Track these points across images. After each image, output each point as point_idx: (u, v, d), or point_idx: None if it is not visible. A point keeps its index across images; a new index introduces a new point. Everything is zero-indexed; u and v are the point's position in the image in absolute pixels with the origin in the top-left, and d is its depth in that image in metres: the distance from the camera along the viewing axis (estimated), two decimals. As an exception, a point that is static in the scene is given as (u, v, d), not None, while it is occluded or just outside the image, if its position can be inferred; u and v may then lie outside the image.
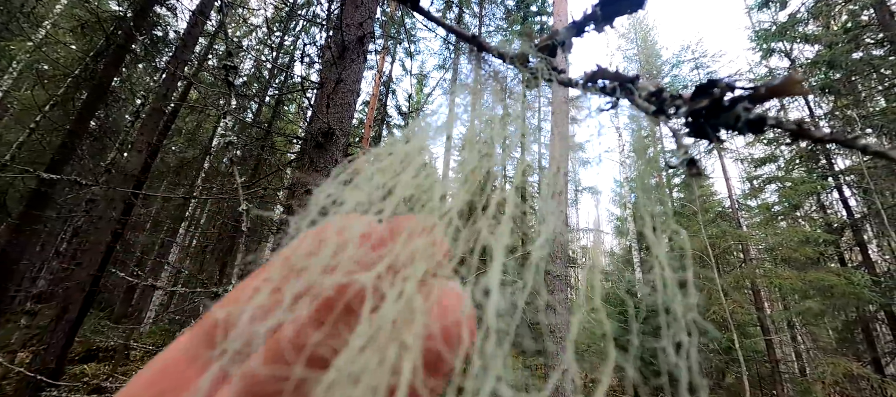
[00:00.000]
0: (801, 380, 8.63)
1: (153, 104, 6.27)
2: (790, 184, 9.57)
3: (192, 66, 7.85)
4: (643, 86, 0.21)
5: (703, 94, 0.22)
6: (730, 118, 0.21)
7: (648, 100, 0.22)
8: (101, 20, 6.06)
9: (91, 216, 5.66)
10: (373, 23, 2.46)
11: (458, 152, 16.22)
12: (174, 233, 10.28)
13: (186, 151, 10.49)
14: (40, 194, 5.38)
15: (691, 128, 0.23)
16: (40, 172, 1.39)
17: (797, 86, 0.20)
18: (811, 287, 7.83)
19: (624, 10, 0.23)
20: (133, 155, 5.94)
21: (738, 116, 0.21)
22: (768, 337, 8.74)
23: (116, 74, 6.55)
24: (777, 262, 9.33)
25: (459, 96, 0.27)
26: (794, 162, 10.58)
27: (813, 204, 10.46)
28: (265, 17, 7.76)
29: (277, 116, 9.37)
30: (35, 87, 8.09)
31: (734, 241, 9.77)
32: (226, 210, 9.61)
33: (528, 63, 0.23)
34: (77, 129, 5.77)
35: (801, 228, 9.57)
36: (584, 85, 0.22)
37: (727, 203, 11.62)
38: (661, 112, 0.22)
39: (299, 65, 9.98)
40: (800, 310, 8.40)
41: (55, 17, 9.47)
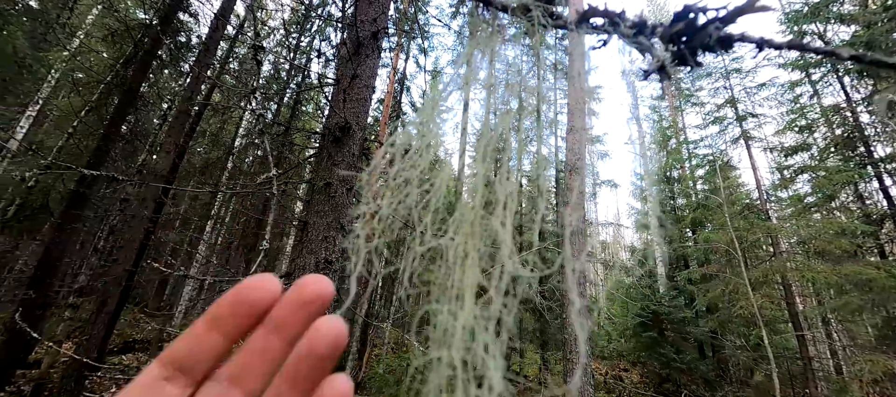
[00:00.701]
0: (836, 379, 8.24)
1: (179, 107, 6.53)
2: (824, 173, 9.08)
3: (214, 68, 8.12)
4: (627, 18, 0.23)
5: (680, 20, 0.24)
6: (703, 38, 0.24)
7: (632, 29, 0.23)
8: (130, 28, 6.34)
9: (125, 215, 5.97)
10: (386, 18, 2.49)
11: (473, 148, 16.15)
12: (202, 231, 10.71)
13: (211, 152, 10.89)
14: (79, 195, 5.71)
15: (674, 57, 0.25)
16: (82, 168, 1.49)
17: (756, 4, 0.20)
18: (847, 281, 7.43)
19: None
20: (162, 156, 6.22)
21: (710, 35, 0.24)
22: (800, 333, 8.37)
23: (144, 80, 6.85)
24: (810, 255, 8.89)
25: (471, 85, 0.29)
26: (829, 150, 10.02)
27: (850, 194, 9.90)
28: (282, 20, 7.95)
29: (296, 116, 9.60)
30: (71, 94, 8.56)
31: (763, 234, 9.38)
32: (249, 208, 9.93)
33: (528, 12, 0.24)
34: (110, 133, 6.09)
35: (836, 220, 9.08)
36: (577, 24, 0.24)
37: (755, 195, 11.14)
38: (641, 34, 0.23)
39: (316, 64, 10.16)
40: (835, 306, 7.99)
41: (88, 26, 9.97)
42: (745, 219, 9.49)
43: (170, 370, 0.24)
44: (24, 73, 7.82)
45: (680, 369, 9.61)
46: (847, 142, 9.61)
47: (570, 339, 4.46)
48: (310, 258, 1.84)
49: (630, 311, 12.58)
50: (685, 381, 9.86)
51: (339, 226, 1.94)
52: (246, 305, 0.25)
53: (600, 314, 16.93)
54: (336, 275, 1.90)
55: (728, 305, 9.03)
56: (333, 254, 1.85)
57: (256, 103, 6.49)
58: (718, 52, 0.25)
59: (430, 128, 0.27)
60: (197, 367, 0.24)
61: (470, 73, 0.26)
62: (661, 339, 10.27)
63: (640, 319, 10.75)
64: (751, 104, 12.17)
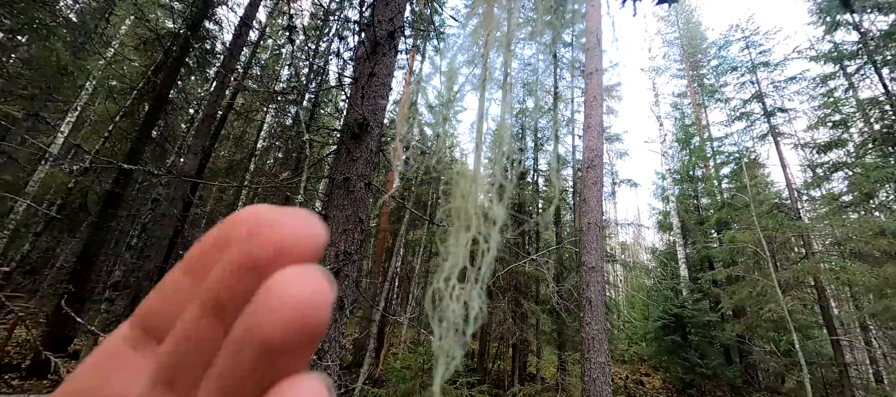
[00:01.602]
0: (876, 388, 7.78)
1: (206, 111, 6.82)
2: (861, 170, 8.60)
3: (238, 74, 8.43)
4: None
5: None
6: None
7: None
8: (160, 37, 6.67)
9: (155, 214, 6.28)
10: (403, 18, 2.54)
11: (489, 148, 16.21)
12: (225, 231, 11.08)
13: (235, 154, 11.28)
14: (114, 195, 6.04)
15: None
16: (121, 164, 1.60)
17: None
18: (888, 284, 7.02)
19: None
20: (189, 158, 6.51)
21: None
22: (835, 338, 7.95)
23: (173, 85, 7.19)
24: (846, 257, 8.44)
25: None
26: (867, 145, 9.48)
27: (890, 192, 9.34)
28: (302, 25, 8.19)
29: (315, 117, 9.84)
30: (107, 101, 9.06)
31: (794, 234, 8.96)
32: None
33: None
34: (142, 137, 6.42)
35: (875, 219, 8.58)
36: None
37: (785, 193, 10.66)
38: None
39: (334, 65, 10.38)
40: (875, 311, 7.55)
41: (121, 36, 10.53)
42: (773, 218, 9.10)
43: (139, 332, 0.19)
44: (65, 81, 8.34)
45: (705, 375, 9.28)
46: (886, 137, 9.07)
47: (588, 339, 4.40)
48: (330, 250, 1.90)
49: (651, 314, 12.24)
50: (710, 388, 9.51)
51: (358, 219, 1.99)
52: (225, 247, 0.17)
53: (620, 316, 16.55)
54: (355, 267, 1.95)
55: (756, 308, 8.67)
56: (353, 246, 1.91)
57: (290, 100, 6.72)
58: None
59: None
60: (168, 330, 0.18)
61: (486, 71, 0.29)
62: (684, 343, 9.94)
63: (662, 322, 10.45)
64: (780, 99, 11.66)
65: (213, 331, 0.16)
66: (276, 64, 11.71)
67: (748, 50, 12.66)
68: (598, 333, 4.38)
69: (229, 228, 0.18)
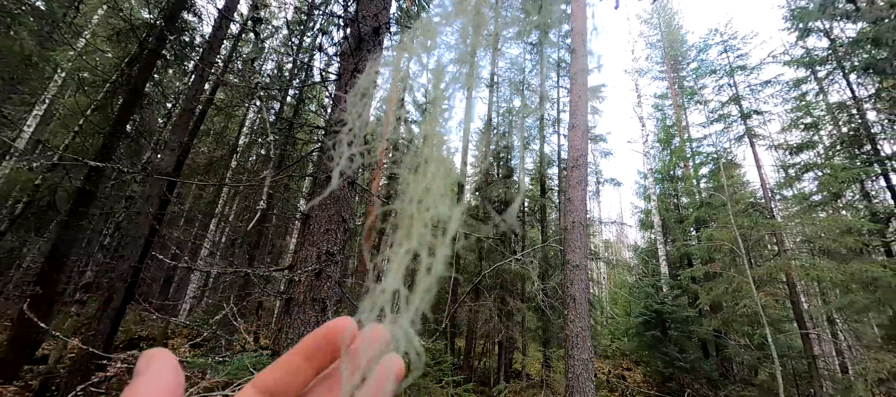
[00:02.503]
0: (841, 378, 8.18)
1: (183, 105, 6.58)
2: (830, 170, 9.00)
3: (218, 67, 8.17)
4: None
5: None
6: None
7: None
8: (134, 28, 6.39)
9: (130, 212, 6.03)
10: (388, 13, 2.50)
11: (476, 146, 16.07)
12: (206, 228, 10.78)
13: (215, 151, 10.95)
14: (85, 193, 5.77)
15: None
16: (89, 160, 1.51)
17: None
18: (853, 280, 7.37)
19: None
20: (166, 154, 6.27)
21: None
22: (805, 332, 8.32)
23: (149, 79, 6.91)
24: (815, 254, 8.83)
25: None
26: (835, 147, 9.94)
27: (856, 192, 9.80)
28: (285, 20, 7.99)
29: (298, 114, 9.64)
30: (77, 93, 8.65)
31: (767, 232, 9.32)
32: (253, 205, 9.99)
33: None
34: (115, 132, 6.15)
35: (842, 218, 9.00)
36: None
37: (760, 193, 11.07)
38: None
39: (318, 61, 10.18)
40: (841, 305, 7.93)
41: (93, 26, 10.06)
42: (749, 217, 9.44)
43: (264, 395, 0.26)
44: (31, 73, 7.91)
45: (683, 368, 9.57)
46: (853, 139, 9.52)
47: (572, 336, 4.46)
48: (312, 250, 1.86)
49: (633, 310, 12.54)
50: (688, 381, 9.82)
51: (341, 218, 1.95)
52: (335, 342, 0.27)
53: (603, 312, 16.88)
54: (338, 267, 1.91)
55: (732, 304, 8.98)
56: (335, 246, 1.87)
57: (262, 98, 6.51)
58: None
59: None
60: (288, 393, 0.27)
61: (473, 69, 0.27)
62: (663, 338, 10.23)
63: (643, 318, 10.71)
64: (755, 101, 12.09)
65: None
66: (259, 58, 11.41)
67: (726, 54, 13.06)
68: (582, 330, 4.45)
69: (332, 329, 0.28)
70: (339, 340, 0.27)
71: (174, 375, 0.23)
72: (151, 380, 0.22)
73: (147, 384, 0.22)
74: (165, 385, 0.22)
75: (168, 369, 0.23)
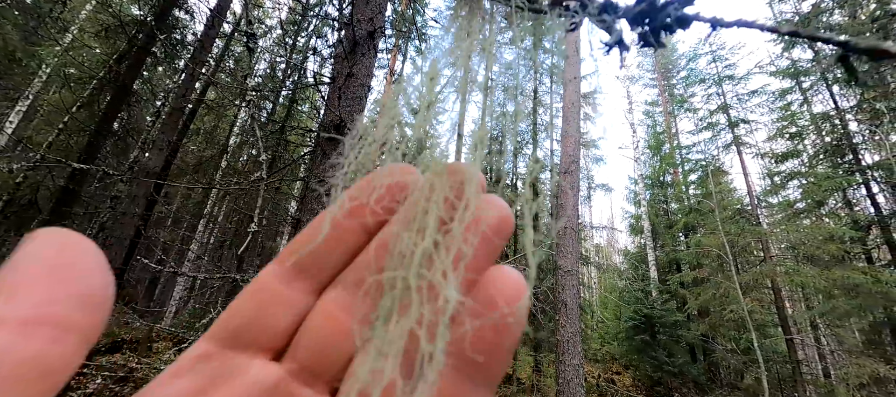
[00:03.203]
0: (824, 383, 8.35)
1: (173, 104, 6.47)
2: (814, 179, 9.24)
3: (209, 66, 8.07)
4: (595, 0, 0.25)
5: (643, 1, 0.26)
6: (663, 18, 0.26)
7: (598, 10, 0.25)
8: (124, 24, 6.28)
9: (115, 212, 5.90)
10: (383, 18, 2.49)
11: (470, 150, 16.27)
12: (194, 230, 10.60)
13: (205, 150, 10.79)
14: (69, 191, 5.63)
15: (640, 39, 0.27)
16: (73, 163, 1.48)
17: None
18: (835, 286, 7.56)
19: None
20: (154, 153, 6.16)
21: (669, 15, 0.25)
22: (790, 337, 8.49)
23: (138, 76, 6.79)
24: (799, 260, 9.03)
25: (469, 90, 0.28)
26: (819, 156, 10.20)
27: (838, 200, 10.08)
28: (279, 20, 7.94)
29: (291, 115, 9.56)
30: (62, 90, 8.45)
31: (754, 239, 9.51)
32: (243, 207, 9.86)
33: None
34: (102, 130, 6.01)
35: (825, 225, 9.24)
36: (550, 7, 0.25)
37: (747, 200, 11.30)
38: (605, 13, 0.24)
39: (312, 62, 10.13)
40: (824, 310, 8.12)
41: (81, 22, 9.86)
42: (736, 223, 9.62)
43: (289, 270, 0.20)
44: (15, 68, 7.71)
45: (671, 372, 9.68)
46: (836, 149, 9.79)
47: (563, 341, 4.48)
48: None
49: (623, 314, 12.66)
50: (676, 384, 9.93)
51: (333, 224, 1.93)
52: (403, 183, 0.21)
53: (593, 317, 17.00)
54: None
55: (719, 309, 9.12)
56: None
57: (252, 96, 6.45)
58: (675, 30, 0.26)
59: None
60: (325, 266, 0.20)
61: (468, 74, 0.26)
62: (652, 343, 10.34)
63: (633, 322, 10.82)
64: (743, 110, 12.36)
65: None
66: (251, 58, 11.30)
67: (715, 63, 13.34)
68: (573, 336, 4.47)
69: (388, 175, 0.21)
70: (408, 181, 0.20)
71: (58, 252, 0.15)
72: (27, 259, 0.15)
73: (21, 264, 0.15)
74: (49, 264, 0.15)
75: (51, 245, 0.15)
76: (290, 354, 0.19)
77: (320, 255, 0.20)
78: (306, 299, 0.20)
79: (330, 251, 0.20)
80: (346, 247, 0.20)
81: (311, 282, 0.20)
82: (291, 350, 0.19)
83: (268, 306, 0.20)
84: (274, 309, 0.20)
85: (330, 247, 0.20)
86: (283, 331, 0.20)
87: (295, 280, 0.20)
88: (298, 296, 0.20)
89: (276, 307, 0.20)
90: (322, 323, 0.19)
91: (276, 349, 0.20)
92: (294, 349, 0.19)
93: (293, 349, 0.19)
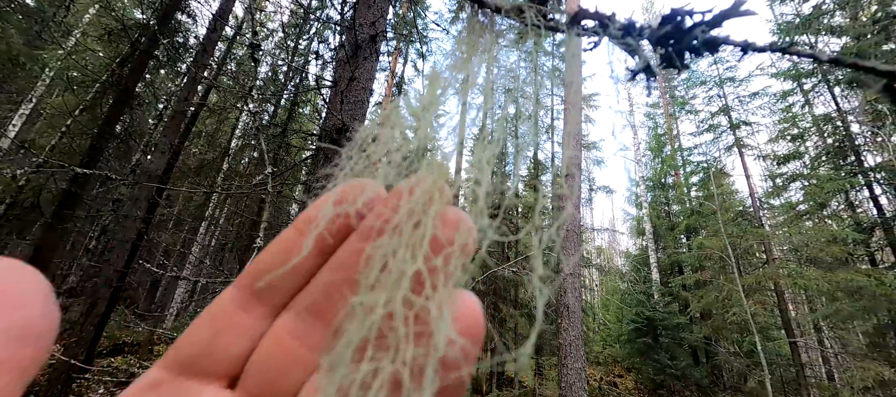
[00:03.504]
0: (828, 386, 8.29)
1: (175, 107, 6.49)
2: (816, 181, 9.21)
3: (211, 70, 8.10)
4: (617, 20, 0.24)
5: (668, 22, 0.24)
6: (690, 40, 0.25)
7: (621, 31, 0.24)
8: (127, 28, 6.32)
9: (117, 215, 5.90)
10: (385, 22, 2.50)
11: (470, 152, 16.16)
12: (195, 232, 10.61)
13: (206, 153, 10.82)
14: (71, 194, 5.64)
15: (662, 59, 0.25)
16: (75, 167, 1.48)
17: (743, 7, 0.22)
18: (838, 288, 7.51)
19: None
20: (156, 156, 6.17)
21: (696, 38, 0.24)
22: (793, 340, 8.43)
23: (140, 79, 6.81)
24: (802, 262, 8.99)
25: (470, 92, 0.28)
26: (821, 158, 10.17)
27: (841, 202, 10.04)
28: (281, 22, 7.97)
29: (293, 118, 9.58)
30: (65, 93, 8.49)
31: (756, 241, 9.47)
32: (243, 210, 9.87)
33: (521, 14, 0.24)
34: (104, 133, 6.04)
35: (827, 227, 9.20)
36: (569, 26, 0.24)
37: (749, 202, 11.27)
38: (629, 35, 0.23)
39: (313, 66, 10.16)
40: (827, 313, 8.07)
41: (84, 26, 9.92)
42: (738, 225, 9.59)
43: (246, 294, 0.20)
44: (18, 72, 7.75)
45: (674, 375, 9.63)
46: (838, 150, 9.76)
47: (565, 344, 4.46)
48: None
49: (625, 317, 12.61)
50: (679, 387, 9.88)
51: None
52: (354, 202, 0.19)
53: (595, 319, 16.94)
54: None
55: (722, 311, 9.08)
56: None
57: (254, 104, 6.46)
58: (704, 54, 0.25)
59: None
60: (280, 289, 0.19)
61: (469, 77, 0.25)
62: (655, 345, 10.29)
63: (635, 325, 10.77)
64: (744, 112, 12.34)
65: None
66: (256, 68, 11.34)
67: (716, 65, 13.33)
68: (575, 339, 4.45)
69: (346, 193, 0.20)
70: (360, 199, 0.19)
71: None
72: None
73: None
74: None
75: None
76: (242, 382, 0.19)
77: (277, 278, 0.19)
78: (263, 324, 0.19)
79: (286, 274, 0.19)
80: (302, 269, 0.20)
81: (268, 307, 0.20)
82: (242, 378, 0.19)
83: (223, 332, 0.19)
84: (229, 335, 0.19)
85: (287, 271, 0.19)
86: (238, 358, 0.19)
87: (252, 304, 0.20)
88: (255, 321, 0.19)
89: (231, 332, 0.19)
90: (272, 350, 0.19)
91: (231, 376, 0.19)
92: (245, 377, 0.19)
93: (244, 377, 0.19)
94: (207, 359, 0.19)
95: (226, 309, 0.20)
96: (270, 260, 0.20)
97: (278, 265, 0.19)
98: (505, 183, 11.25)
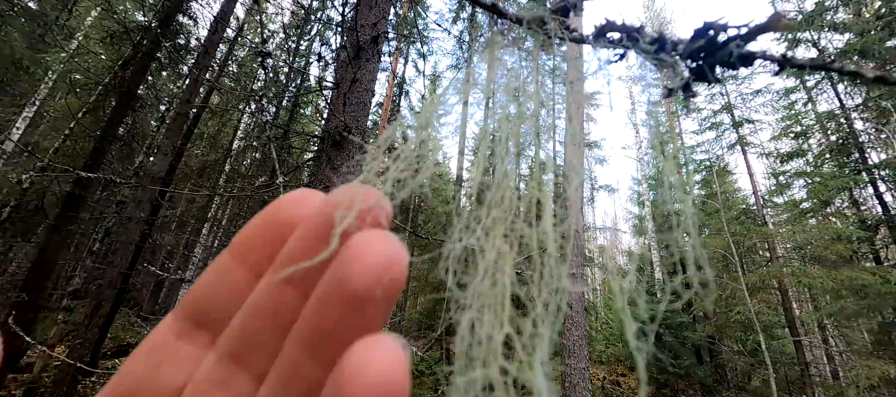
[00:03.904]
0: (833, 385, 8.25)
1: (177, 109, 6.52)
2: (820, 179, 9.16)
3: (213, 71, 8.13)
4: (647, 33, 0.23)
5: (701, 37, 0.23)
6: (724, 55, 0.24)
7: (652, 45, 0.23)
8: (129, 30, 6.34)
9: (121, 217, 5.93)
10: (387, 23, 2.50)
11: (472, 152, 16.16)
12: (198, 234, 10.65)
13: (209, 155, 10.85)
14: (75, 197, 5.67)
15: (692, 73, 0.25)
16: (79, 171, 1.49)
17: (780, 23, 0.21)
18: (843, 286, 7.47)
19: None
20: (159, 158, 6.20)
21: (731, 52, 0.24)
22: (797, 339, 8.40)
23: (143, 81, 6.84)
24: (806, 261, 8.94)
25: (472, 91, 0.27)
26: (824, 156, 10.12)
27: (845, 200, 9.98)
28: (282, 24, 7.99)
29: (294, 119, 9.60)
30: (68, 96, 8.53)
31: (759, 239, 9.43)
32: (246, 211, 9.89)
33: (544, 26, 0.24)
34: (107, 135, 6.06)
35: (831, 225, 9.15)
36: (595, 38, 0.24)
37: (752, 200, 11.22)
38: (662, 50, 0.23)
39: (315, 67, 10.17)
40: (832, 311, 8.03)
41: (86, 28, 9.96)
42: (741, 224, 9.55)
43: (186, 323, 0.19)
44: (21, 75, 7.79)
45: (678, 374, 9.61)
46: (842, 148, 9.70)
47: (570, 345, 4.45)
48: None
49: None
50: (683, 386, 9.85)
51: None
52: (281, 228, 0.18)
53: (598, 318, 16.92)
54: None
55: (725, 310, 9.05)
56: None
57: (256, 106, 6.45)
58: (738, 68, 0.24)
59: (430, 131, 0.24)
60: (219, 319, 0.18)
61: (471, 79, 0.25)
62: (658, 344, 10.27)
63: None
64: (747, 110, 12.28)
65: (290, 299, 0.17)
66: (254, 62, 11.36)
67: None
68: (579, 339, 4.45)
69: (279, 210, 0.18)
70: (290, 219, 0.18)
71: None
72: None
73: None
74: None
75: None
76: None
77: (214, 305, 0.18)
78: (203, 353, 0.18)
79: (224, 300, 0.18)
80: (240, 294, 0.18)
81: (210, 334, 0.18)
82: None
83: (161, 364, 0.18)
84: (167, 367, 0.18)
85: (224, 296, 0.18)
86: (177, 390, 0.18)
87: (192, 333, 0.19)
88: (197, 351, 0.18)
89: (170, 364, 0.18)
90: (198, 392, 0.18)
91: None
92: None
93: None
94: (151, 392, 0.18)
95: (166, 339, 0.19)
96: (205, 288, 0.19)
97: (213, 293, 0.18)
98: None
